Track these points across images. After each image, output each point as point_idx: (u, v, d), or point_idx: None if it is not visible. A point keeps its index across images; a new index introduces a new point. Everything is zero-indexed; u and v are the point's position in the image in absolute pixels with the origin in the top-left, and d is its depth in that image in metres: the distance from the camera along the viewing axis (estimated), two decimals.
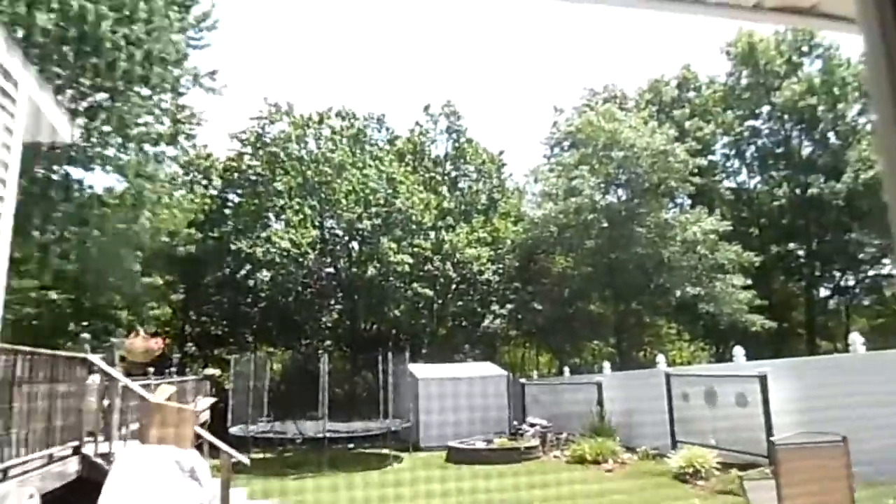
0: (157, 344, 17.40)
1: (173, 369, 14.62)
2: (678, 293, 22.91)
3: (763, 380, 11.21)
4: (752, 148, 30.42)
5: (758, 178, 30.94)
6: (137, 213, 18.42)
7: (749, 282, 23.48)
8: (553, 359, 31.13)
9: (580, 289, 25.60)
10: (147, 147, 19.86)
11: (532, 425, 16.83)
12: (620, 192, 25.13)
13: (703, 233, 22.88)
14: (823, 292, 30.00)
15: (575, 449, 14.12)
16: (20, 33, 13.94)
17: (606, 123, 24.01)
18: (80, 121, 16.80)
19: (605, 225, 23.80)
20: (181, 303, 25.75)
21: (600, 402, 16.18)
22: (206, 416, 13.56)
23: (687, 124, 28.22)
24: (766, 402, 11.06)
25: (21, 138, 5.20)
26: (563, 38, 44.32)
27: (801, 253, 28.90)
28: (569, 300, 25.91)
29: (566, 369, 22.05)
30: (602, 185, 24.27)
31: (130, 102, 18.24)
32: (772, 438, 8.40)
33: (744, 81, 29.87)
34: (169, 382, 12.06)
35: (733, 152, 30.85)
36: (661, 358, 15.99)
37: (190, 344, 26.76)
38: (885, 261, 28.28)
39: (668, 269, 23.03)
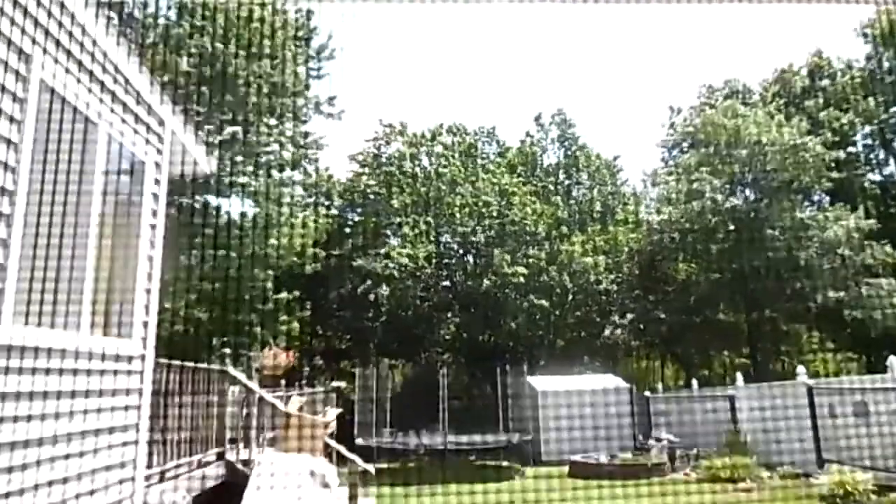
0: (288, 358, 18.48)
1: (303, 381, 15.45)
2: (819, 298, 21.06)
3: None
4: None
5: None
6: (268, 235, 19.75)
7: None
8: (679, 371, 29.66)
9: (707, 296, 24.20)
10: (274, 173, 21.32)
11: (658, 440, 16.10)
12: (747, 192, 23.62)
13: (846, 232, 20.93)
14: None
15: (707, 466, 13.34)
16: (165, 77, 15.48)
17: (728, 121, 22.71)
18: (217, 152, 18.33)
19: (732, 228, 22.41)
20: (308, 318, 27.19)
21: (734, 417, 15.19)
22: (333, 426, 14.21)
23: (821, 115, 26.01)
24: None
25: (167, 172, 5.78)
26: (677, 36, 42.48)
27: None
28: (695, 308, 24.56)
29: (694, 382, 20.91)
30: (726, 186, 22.92)
31: (259, 132, 19.69)
32: None
33: (886, 64, 27.11)
34: (300, 394, 12.78)
35: (877, 142, 27.99)
36: (801, 369, 14.74)
37: (317, 357, 28.16)
38: None
39: (807, 273, 21.25)
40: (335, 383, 22.03)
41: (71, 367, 4.23)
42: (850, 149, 26.70)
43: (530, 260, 26.01)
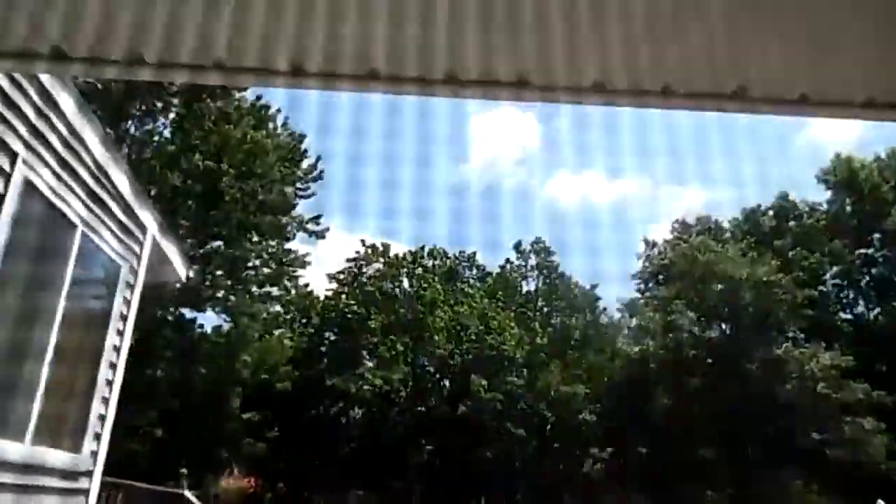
0: (250, 483, 17.39)
1: None
2: (802, 438, 20.68)
3: None
4: (867, 277, 28.44)
5: (877, 310, 28.55)
6: (241, 351, 19.30)
7: (884, 426, 20.91)
8: None
9: (687, 432, 23.65)
10: (254, 288, 21.23)
11: None
12: (723, 326, 23.85)
13: (822, 369, 20.98)
14: None
15: None
16: (153, 191, 15.77)
17: (701, 256, 23.41)
18: (196, 265, 18.31)
19: (710, 361, 22.40)
20: (276, 440, 25.95)
21: None
22: None
23: (790, 254, 26.95)
24: None
25: (142, 279, 5.67)
26: (650, 171, 44.83)
27: None
28: (675, 444, 23.90)
29: None
30: (703, 320, 23.17)
31: (242, 248, 19.83)
32: None
33: (848, 209, 28.63)
34: None
35: (846, 282, 28.90)
36: None
37: (281, 484, 26.53)
38: None
39: (788, 411, 21.02)
40: None
41: (6, 480, 3.88)
42: (821, 288, 27.44)
43: (508, 387, 25.51)
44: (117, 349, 5.28)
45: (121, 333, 5.34)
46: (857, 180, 27.66)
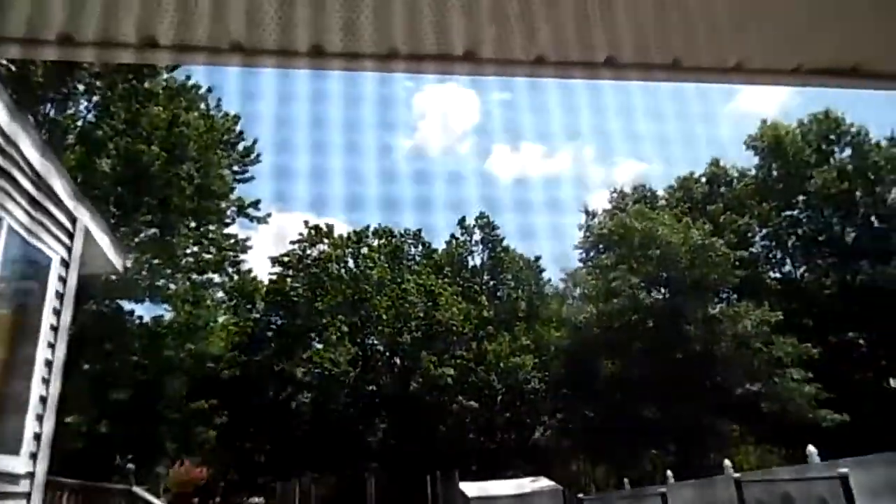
0: (200, 473, 17.09)
1: (217, 499, 14.26)
2: (738, 392, 21.78)
3: (844, 481, 10.29)
4: (794, 238, 29.94)
5: (804, 268, 30.17)
6: (184, 340, 18.78)
7: (811, 375, 22.24)
8: (610, 470, 29.38)
9: (632, 393, 24.54)
10: (195, 276, 20.61)
11: None
12: (663, 290, 24.69)
13: (754, 326, 22.06)
14: (894, 382, 28.18)
15: None
16: (80, 178, 15.01)
17: (639, 223, 24.07)
18: (133, 255, 17.64)
19: (651, 325, 23.19)
20: (225, 427, 25.53)
21: None
22: None
23: (722, 218, 28.07)
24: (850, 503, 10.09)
25: (76, 270, 5.43)
26: (587, 142, 45.64)
27: (862, 342, 27.49)
28: (621, 406, 24.78)
29: (626, 481, 20.71)
30: (643, 285, 23.91)
31: (180, 235, 19.18)
32: None
33: (774, 173, 29.96)
34: None
35: (774, 243, 30.38)
36: (727, 463, 14.92)
37: (233, 472, 26.19)
38: None
39: (723, 367, 22.06)
40: (253, 499, 20.41)
41: None
42: (751, 249, 28.76)
43: (457, 361, 25.82)
44: (52, 346, 5.06)
45: (55, 329, 5.11)
46: (782, 145, 28.93)
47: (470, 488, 18.13)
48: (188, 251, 20.33)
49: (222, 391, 22.82)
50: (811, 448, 12.50)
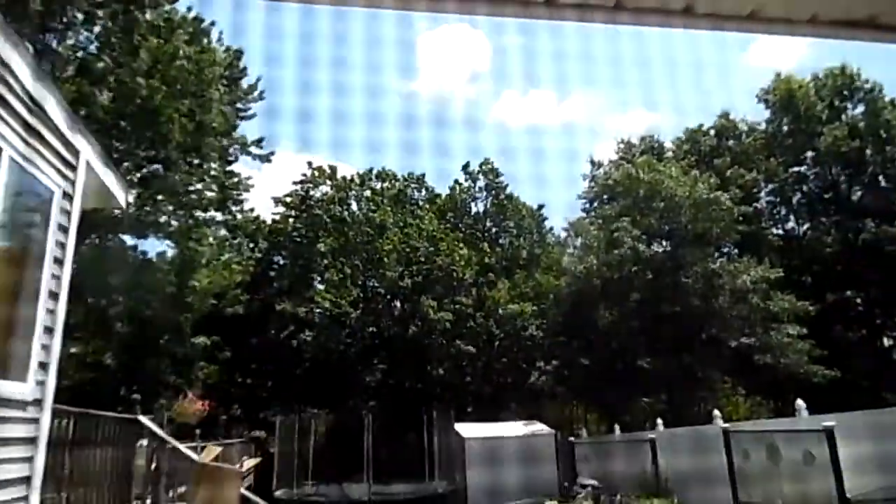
0: (204, 406, 17.54)
1: (220, 431, 14.68)
2: (732, 345, 22.06)
3: (830, 434, 10.56)
4: (799, 194, 29.73)
5: (807, 225, 30.07)
6: (187, 277, 18.95)
7: (805, 331, 22.50)
8: (602, 416, 30.11)
9: (627, 343, 24.89)
10: (197, 213, 20.63)
11: (584, 486, 16.16)
12: (664, 242, 24.70)
13: (753, 281, 22.17)
14: (887, 341, 28.52)
15: None
16: (81, 111, 14.84)
17: (645, 175, 23.87)
18: (135, 190, 17.61)
19: (651, 276, 23.31)
20: (228, 363, 26.08)
21: (654, 461, 15.46)
22: (250, 478, 13.49)
23: (728, 172, 27.81)
24: (834, 458, 10.38)
25: (80, 204, 5.44)
26: (597, 91, 44.81)
27: (858, 300, 27.67)
28: (616, 354, 25.17)
29: (616, 427, 21.26)
30: (645, 237, 23.91)
31: (182, 171, 19.09)
32: (848, 495, 7.84)
33: (785, 128, 29.49)
34: (216, 444, 12.09)
35: (779, 199, 30.19)
36: (716, 413, 15.27)
37: (236, 406, 26.90)
38: None
39: (720, 321, 22.29)
40: (255, 433, 21.04)
41: None
42: (756, 204, 28.61)
43: (457, 306, 26.09)
44: (57, 277, 5.12)
45: (59, 261, 5.16)
46: (795, 100, 28.38)
47: (465, 429, 18.62)
48: (190, 188, 20.27)
49: (225, 328, 23.19)
50: (800, 402, 12.77)
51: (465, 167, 32.38)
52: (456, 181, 32.30)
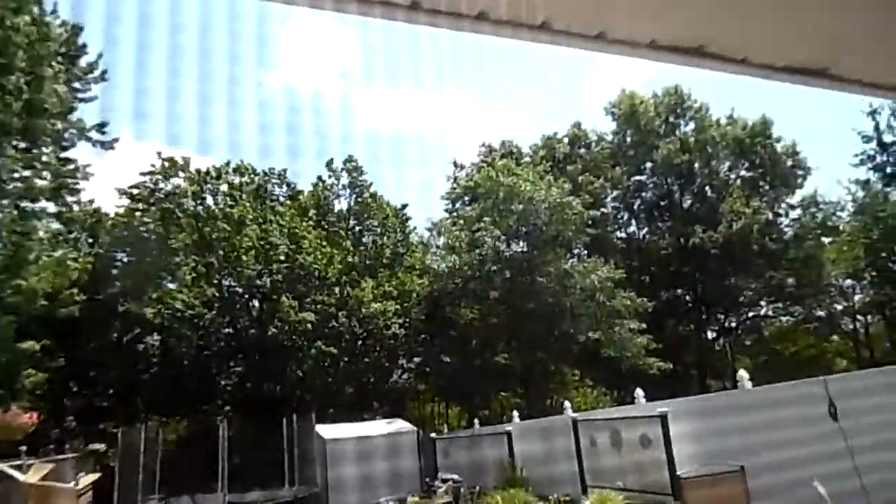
0: (31, 418, 15.78)
1: (50, 446, 13.28)
2: (581, 340, 23.64)
3: (664, 419, 11.63)
4: (639, 201, 32.57)
5: (646, 229, 33.04)
6: (12, 275, 16.92)
7: (644, 326, 24.65)
8: (463, 411, 30.99)
9: (486, 339, 25.87)
10: (24, 203, 18.49)
11: (444, 481, 16.49)
12: (522, 243, 25.93)
13: (600, 281, 23.91)
14: (711, 334, 32.05)
15: (488, 502, 13.94)
16: None
17: (505, 178, 24.90)
18: None
19: (508, 275, 24.36)
20: (61, 371, 23.60)
21: (510, 453, 16.16)
22: (88, 496, 12.31)
23: (580, 179, 29.81)
24: (667, 440, 11.45)
25: None
26: (463, 96, 46.01)
27: (688, 298, 30.87)
28: (476, 351, 26.07)
29: (476, 421, 21.97)
30: (504, 237, 24.95)
31: (6, 156, 16.99)
32: (677, 473, 8.67)
33: (628, 139, 32.15)
34: (45, 461, 10.89)
35: (622, 205, 32.88)
36: (567, 404, 16.28)
37: (70, 418, 24.41)
38: (762, 303, 30.73)
39: (571, 317, 23.78)
40: (93, 446, 19.22)
41: None
42: (602, 209, 30.91)
43: (319, 306, 25.59)
44: None
45: None
46: (636, 115, 31.02)
47: (326, 430, 18.32)
48: (16, 175, 18.07)
49: (58, 332, 20.94)
50: (639, 391, 13.96)
51: (329, 164, 31.83)
52: (319, 178, 31.65)
